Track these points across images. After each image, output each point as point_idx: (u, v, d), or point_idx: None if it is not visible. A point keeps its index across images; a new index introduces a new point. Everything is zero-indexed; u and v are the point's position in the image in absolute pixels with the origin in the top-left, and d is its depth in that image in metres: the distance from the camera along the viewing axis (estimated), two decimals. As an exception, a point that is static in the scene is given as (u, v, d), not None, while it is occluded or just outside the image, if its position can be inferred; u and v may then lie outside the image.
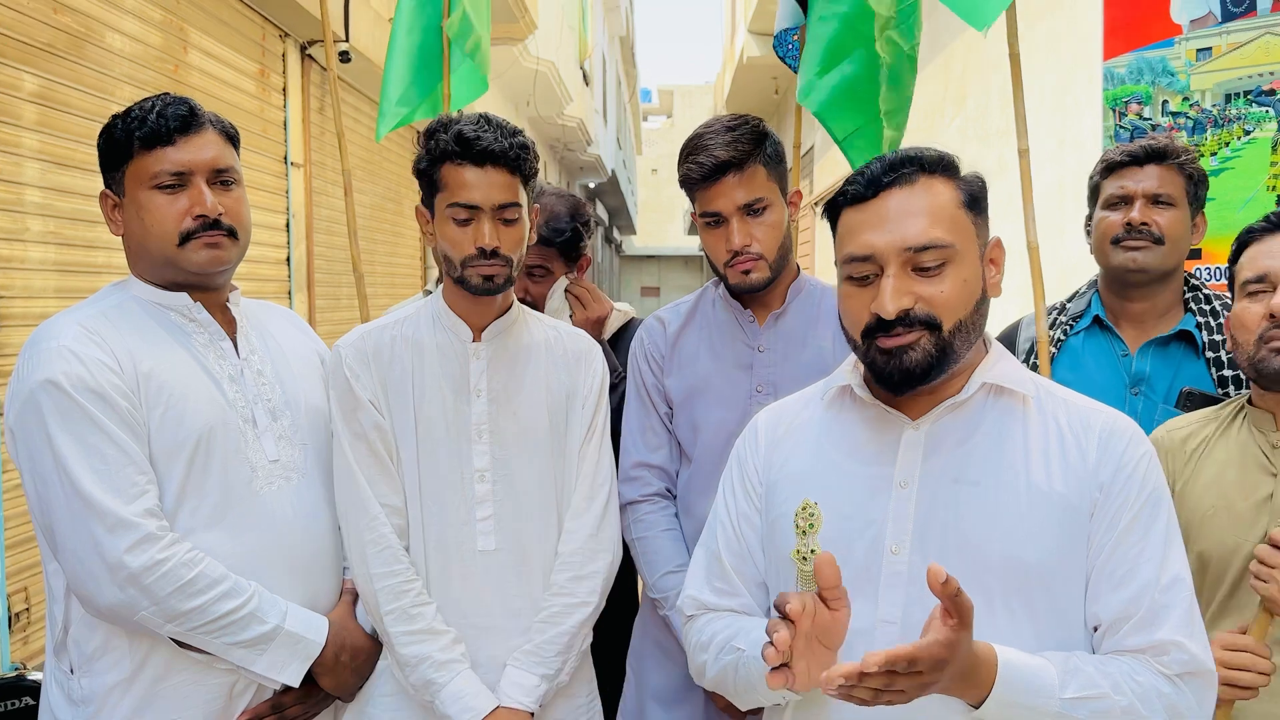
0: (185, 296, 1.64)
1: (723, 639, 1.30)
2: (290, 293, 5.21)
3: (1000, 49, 2.39)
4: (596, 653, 1.89)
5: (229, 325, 1.69)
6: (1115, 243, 1.96)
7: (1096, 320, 2.04)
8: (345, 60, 5.48)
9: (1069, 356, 2.05)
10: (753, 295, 1.89)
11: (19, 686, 2.17)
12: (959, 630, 1.00)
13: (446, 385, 1.71)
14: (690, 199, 1.89)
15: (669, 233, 38.96)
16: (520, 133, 1.68)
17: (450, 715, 1.63)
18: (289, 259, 5.22)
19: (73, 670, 1.55)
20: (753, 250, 1.82)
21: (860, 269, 1.21)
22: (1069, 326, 2.07)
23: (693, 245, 33.73)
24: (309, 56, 5.47)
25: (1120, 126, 2.84)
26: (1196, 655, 1.15)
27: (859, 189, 1.22)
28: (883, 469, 1.25)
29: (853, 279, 1.23)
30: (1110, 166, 2.00)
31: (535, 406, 1.75)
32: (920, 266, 1.18)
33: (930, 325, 1.18)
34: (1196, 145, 2.67)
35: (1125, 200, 1.96)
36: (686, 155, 1.85)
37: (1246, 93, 2.54)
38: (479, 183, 1.62)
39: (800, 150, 2.80)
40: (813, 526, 1.25)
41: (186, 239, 1.58)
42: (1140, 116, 2.78)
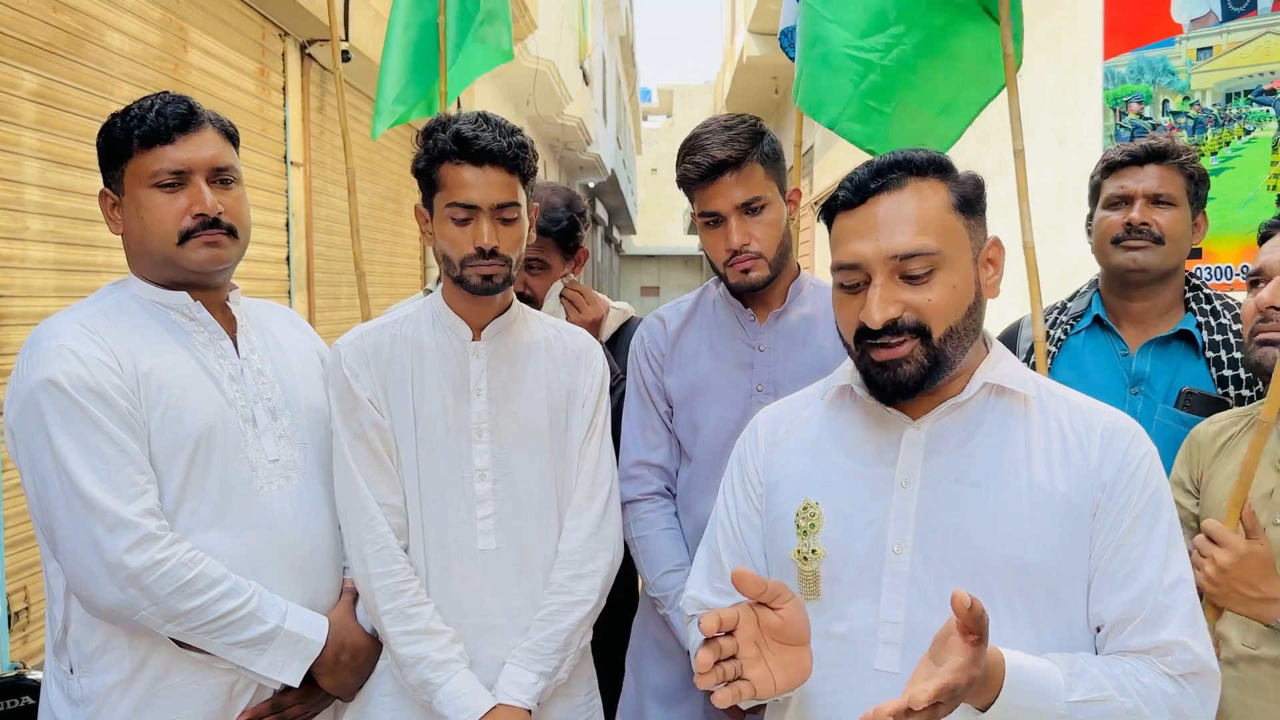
0: (185, 295, 1.64)
1: None
2: (290, 292, 5.21)
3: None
4: (596, 651, 1.89)
5: (229, 324, 1.69)
6: (1115, 242, 1.95)
7: (1097, 320, 2.04)
8: (345, 59, 5.47)
9: (1069, 356, 2.05)
10: (753, 294, 1.89)
11: (18, 686, 2.16)
12: (980, 644, 0.99)
13: (446, 384, 1.71)
14: (689, 199, 1.89)
15: (669, 232, 38.98)
16: (519, 131, 1.67)
17: (447, 715, 1.62)
18: (288, 258, 5.22)
19: (72, 670, 1.55)
20: (752, 249, 1.82)
21: (849, 277, 1.21)
22: (1069, 326, 2.07)
23: (692, 245, 33.74)
24: (309, 56, 5.47)
25: (1121, 126, 2.83)
26: (1200, 655, 1.15)
27: (848, 194, 1.22)
28: (884, 469, 1.25)
29: (844, 286, 1.22)
30: (1111, 166, 2.00)
31: (535, 405, 1.75)
32: (908, 274, 1.17)
33: (920, 332, 1.17)
34: (1197, 145, 2.67)
35: (1125, 200, 1.96)
36: (684, 155, 1.84)
37: (1247, 92, 2.54)
38: (477, 182, 1.61)
39: (800, 149, 2.80)
40: (814, 527, 1.26)
41: (186, 238, 1.57)
42: (1141, 116, 2.78)
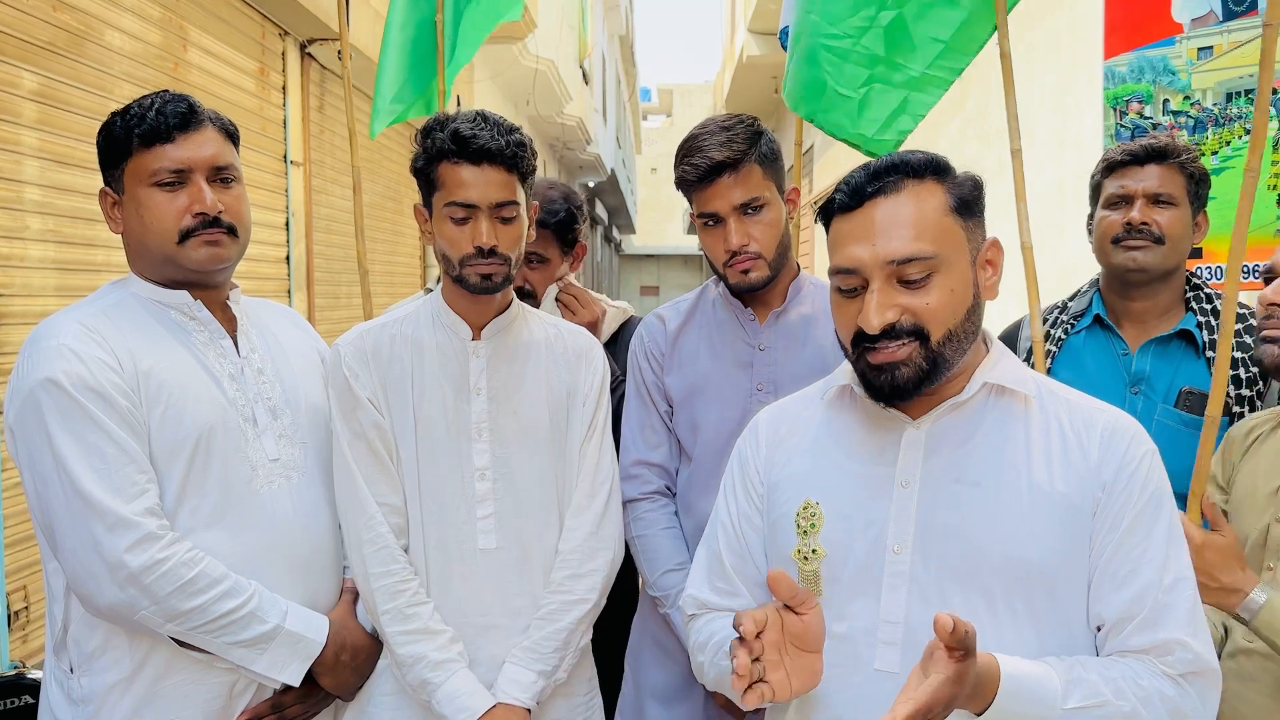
0: (185, 294, 1.63)
1: (720, 639, 1.30)
2: (289, 291, 5.21)
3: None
4: (596, 650, 1.89)
5: (229, 323, 1.69)
6: (1116, 242, 1.95)
7: (1097, 319, 2.04)
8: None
9: (1069, 355, 2.05)
10: (752, 293, 1.89)
11: (18, 685, 2.16)
12: (965, 660, 1.00)
13: (446, 384, 1.71)
14: (688, 200, 1.89)
15: (668, 232, 38.97)
16: (517, 130, 1.67)
17: (446, 715, 1.62)
18: (288, 257, 5.22)
19: (72, 669, 1.55)
20: (751, 249, 1.81)
21: (847, 281, 1.21)
22: (1070, 325, 2.07)
23: (692, 244, 33.70)
24: (309, 55, 5.47)
25: (1121, 125, 2.83)
26: (1200, 654, 1.14)
27: (844, 198, 1.21)
28: (884, 468, 1.25)
29: (841, 290, 1.22)
30: (1111, 166, 2.00)
31: (535, 404, 1.75)
32: (905, 279, 1.17)
33: (918, 335, 1.17)
34: (1197, 144, 2.67)
35: (1126, 200, 1.96)
36: (682, 157, 1.84)
37: (1247, 91, 2.54)
38: (476, 181, 1.61)
39: (800, 149, 2.79)
40: (814, 526, 1.26)
41: (186, 237, 1.57)
42: (1141, 115, 2.78)
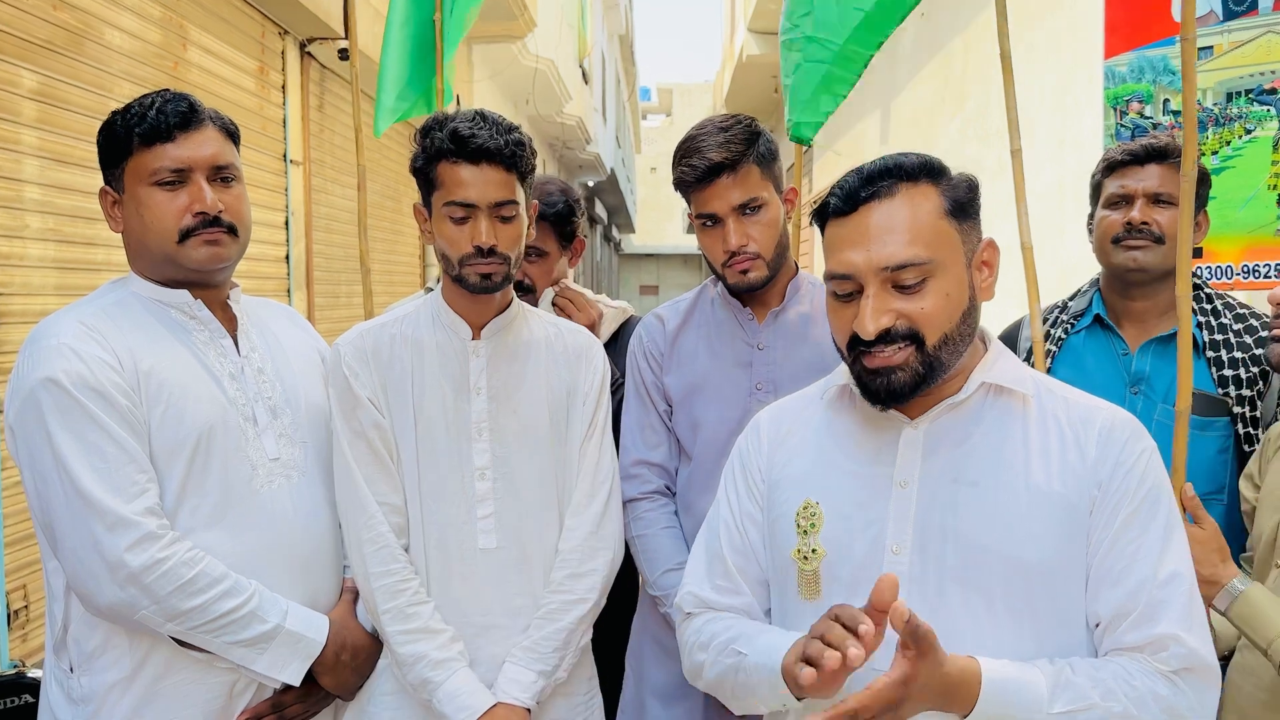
0: (186, 294, 1.63)
1: (723, 640, 1.30)
2: (289, 290, 5.21)
3: (1000, 48, 2.38)
4: (597, 650, 1.89)
5: (229, 323, 1.68)
6: (1116, 242, 1.95)
7: (1097, 319, 2.04)
8: (344, 58, 5.48)
9: (1070, 355, 2.05)
10: (751, 293, 1.89)
11: (18, 684, 2.16)
12: (917, 660, 1.03)
13: (446, 383, 1.71)
14: (686, 200, 1.89)
15: (668, 231, 38.92)
16: (516, 129, 1.67)
17: (447, 714, 1.62)
18: (288, 257, 5.22)
19: (72, 669, 1.55)
20: (749, 250, 1.82)
21: (842, 286, 1.21)
22: (1070, 325, 2.07)
23: (691, 244, 33.65)
24: (308, 54, 5.47)
25: (1121, 125, 2.83)
26: (1196, 649, 1.14)
27: (838, 202, 1.21)
28: (882, 468, 1.25)
29: (837, 295, 1.23)
30: (1111, 165, 2.00)
31: (535, 404, 1.74)
32: (900, 284, 1.17)
33: (914, 339, 1.17)
34: (1198, 144, 2.66)
35: (1126, 199, 1.96)
36: (680, 158, 1.84)
37: (1248, 91, 2.53)
38: (475, 180, 1.61)
39: (800, 149, 2.79)
40: (814, 526, 1.26)
41: (186, 236, 1.57)
42: (1141, 115, 2.78)
